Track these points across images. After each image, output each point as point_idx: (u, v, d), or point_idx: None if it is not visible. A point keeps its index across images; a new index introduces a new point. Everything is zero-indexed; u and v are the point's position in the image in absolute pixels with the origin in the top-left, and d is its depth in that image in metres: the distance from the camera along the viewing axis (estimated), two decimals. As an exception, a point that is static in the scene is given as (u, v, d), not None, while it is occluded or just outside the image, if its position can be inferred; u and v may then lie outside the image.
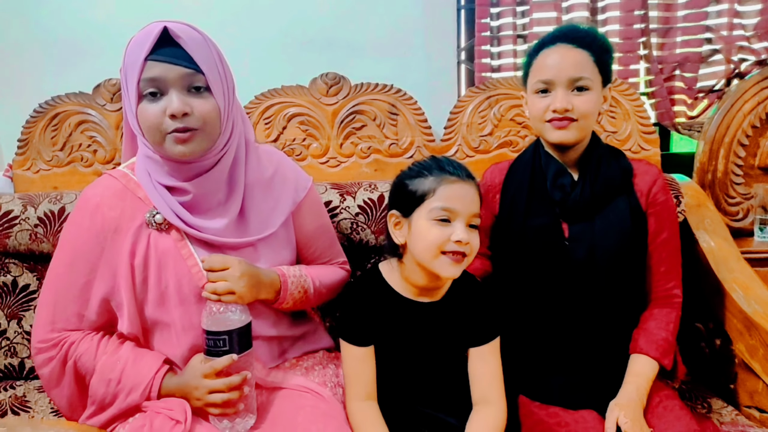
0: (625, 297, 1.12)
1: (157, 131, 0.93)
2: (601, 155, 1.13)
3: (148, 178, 1.00)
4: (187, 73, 0.91)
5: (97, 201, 1.01)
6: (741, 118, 1.60)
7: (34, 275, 1.42)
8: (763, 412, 1.17)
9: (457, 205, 0.96)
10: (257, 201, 1.06)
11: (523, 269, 1.14)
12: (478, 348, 1.05)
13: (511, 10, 1.74)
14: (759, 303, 1.19)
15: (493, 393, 1.04)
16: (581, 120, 1.07)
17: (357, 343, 1.03)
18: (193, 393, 0.93)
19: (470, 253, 0.98)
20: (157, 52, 0.90)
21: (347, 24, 1.73)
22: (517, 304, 1.15)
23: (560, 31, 1.11)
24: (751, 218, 1.63)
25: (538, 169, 1.16)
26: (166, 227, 1.00)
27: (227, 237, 1.02)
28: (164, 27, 0.90)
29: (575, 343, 1.11)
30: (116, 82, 1.54)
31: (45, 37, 1.72)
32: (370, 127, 1.58)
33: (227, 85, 0.98)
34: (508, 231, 1.16)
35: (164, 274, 0.99)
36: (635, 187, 1.14)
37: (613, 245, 1.09)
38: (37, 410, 1.27)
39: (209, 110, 0.94)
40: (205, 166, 0.98)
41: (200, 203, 1.00)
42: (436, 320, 1.04)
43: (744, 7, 1.71)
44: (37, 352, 1.02)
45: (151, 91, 0.92)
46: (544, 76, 1.08)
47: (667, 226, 1.14)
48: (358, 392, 1.02)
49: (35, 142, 1.54)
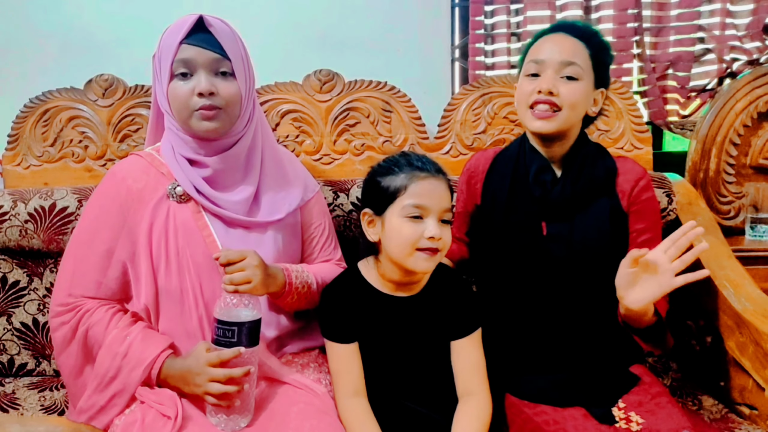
0: (604, 296, 1.10)
1: (185, 108, 1.02)
2: (587, 154, 1.12)
3: (171, 151, 1.08)
4: (216, 58, 1.02)
5: (123, 175, 1.09)
6: (733, 117, 1.60)
7: (24, 271, 1.41)
8: (753, 408, 1.18)
9: (428, 201, 0.98)
10: (271, 189, 1.14)
11: (502, 264, 1.13)
12: (460, 340, 1.07)
13: (505, 8, 1.74)
14: (749, 300, 1.20)
15: (477, 384, 1.05)
16: (565, 110, 1.05)
17: (340, 340, 1.04)
18: (194, 379, 0.95)
19: (443, 248, 1.00)
20: (191, 37, 1.01)
21: (341, 21, 1.73)
22: (498, 299, 1.15)
23: (562, 22, 1.12)
24: (743, 217, 1.64)
25: (522, 163, 1.14)
26: (185, 199, 1.07)
27: (242, 213, 1.08)
28: (200, 17, 1.01)
29: (557, 340, 1.11)
30: (108, 77, 1.53)
31: (36, 32, 1.70)
32: (364, 124, 1.58)
33: (249, 75, 1.09)
34: (488, 224, 1.15)
35: (181, 243, 1.05)
36: (618, 187, 1.12)
37: (591, 246, 1.09)
38: (27, 407, 1.26)
39: (233, 93, 1.04)
40: (225, 144, 1.07)
41: (218, 179, 1.08)
42: (415, 314, 1.05)
43: (736, 6, 1.72)
44: (54, 315, 1.07)
45: (182, 71, 1.02)
46: (537, 56, 1.08)
47: (651, 226, 1.13)
48: (347, 389, 1.02)
49: (26, 137, 1.53)
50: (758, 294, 1.22)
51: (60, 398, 1.28)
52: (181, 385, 0.97)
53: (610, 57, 1.12)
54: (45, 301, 1.40)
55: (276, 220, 1.12)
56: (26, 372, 1.41)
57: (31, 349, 1.40)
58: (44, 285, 1.40)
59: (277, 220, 1.12)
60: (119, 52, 1.70)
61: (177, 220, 1.06)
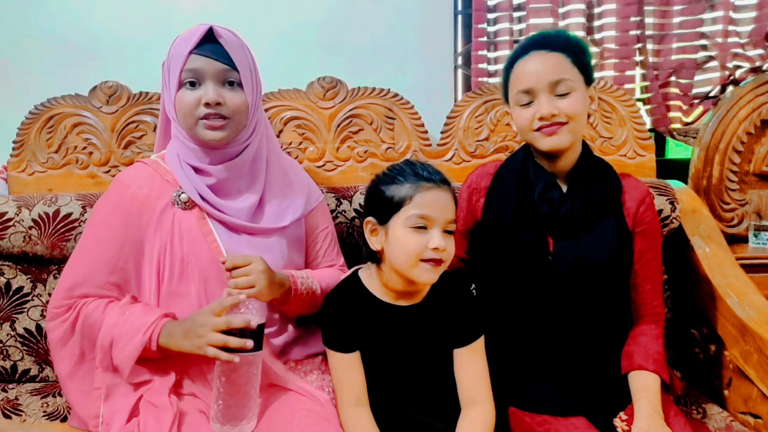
0: (608, 312, 1.10)
1: (192, 116, 1.03)
2: (593, 172, 1.10)
3: (177, 159, 1.09)
4: (224, 68, 1.03)
5: (128, 182, 1.10)
6: (736, 124, 1.60)
7: (27, 277, 1.41)
8: (757, 417, 1.17)
9: (433, 212, 0.97)
10: (275, 197, 1.14)
11: (507, 280, 1.12)
12: (462, 349, 1.06)
13: (507, 16, 1.75)
14: (753, 309, 1.19)
15: (480, 393, 1.04)
16: (571, 122, 1.04)
17: (342, 349, 1.03)
18: (197, 330, 0.95)
19: (447, 259, 0.99)
20: (200, 48, 1.02)
21: (345, 28, 1.73)
22: (501, 312, 1.14)
23: (531, 40, 1.08)
24: (746, 224, 1.64)
25: (526, 178, 1.12)
26: (190, 206, 1.08)
27: (245, 221, 1.09)
28: (210, 27, 1.03)
29: (559, 350, 1.10)
30: (112, 84, 1.53)
31: (41, 39, 1.72)
32: (367, 131, 1.58)
33: (256, 86, 1.10)
34: (492, 241, 1.13)
35: (185, 249, 1.06)
36: (624, 205, 1.12)
37: (598, 265, 1.08)
38: (29, 414, 1.25)
39: (239, 103, 1.05)
40: (230, 153, 1.08)
41: (223, 187, 1.09)
42: (417, 323, 1.05)
43: (738, 14, 1.72)
44: (51, 317, 1.09)
45: (191, 80, 1.03)
46: (524, 85, 1.05)
47: (652, 245, 1.13)
48: (349, 398, 1.02)
49: (30, 143, 1.54)
50: (762, 302, 1.21)
51: (62, 404, 1.28)
52: (183, 341, 0.97)
53: (588, 52, 1.09)
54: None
55: (280, 228, 1.13)
56: (29, 378, 1.41)
57: (34, 355, 1.41)
58: (48, 291, 1.40)
59: (281, 227, 1.13)
60: (124, 60, 1.71)
61: (182, 227, 1.07)
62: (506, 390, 1.11)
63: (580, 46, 1.07)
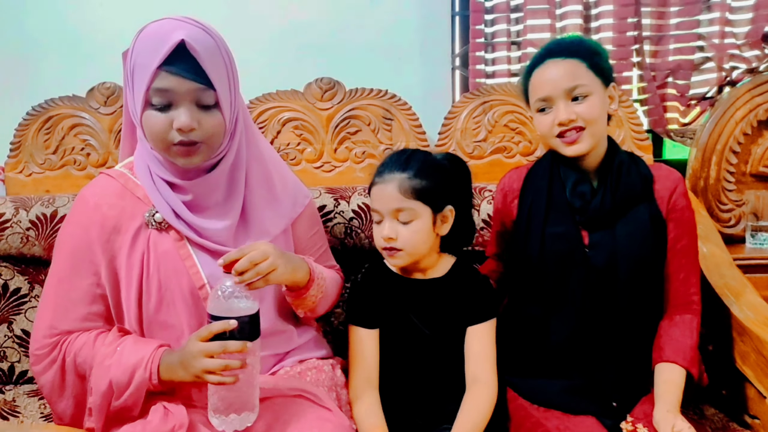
0: (643, 303, 1.11)
1: (162, 141, 0.92)
2: (621, 162, 1.12)
3: (147, 172, 0.99)
4: (199, 88, 0.90)
5: (96, 200, 0.99)
6: (733, 125, 1.61)
7: (25, 279, 1.41)
8: (756, 418, 1.17)
9: (378, 205, 1.08)
10: (257, 207, 1.05)
11: (542, 276, 1.13)
12: (475, 327, 1.11)
13: (505, 17, 1.75)
14: (751, 309, 1.19)
15: (485, 372, 1.09)
16: (589, 126, 1.06)
17: (364, 324, 1.11)
18: (191, 362, 0.87)
19: (404, 247, 1.06)
20: (172, 64, 0.88)
21: (342, 29, 1.74)
22: (530, 307, 1.15)
23: (546, 49, 1.11)
24: (743, 225, 1.64)
25: (556, 176, 1.15)
26: (165, 226, 0.98)
27: (227, 240, 1.00)
28: (182, 40, 0.88)
29: (584, 347, 1.10)
30: (110, 85, 1.53)
31: (38, 41, 1.72)
32: (365, 132, 1.59)
33: (235, 98, 0.97)
34: (526, 238, 1.15)
35: (163, 275, 0.97)
36: (656, 194, 1.13)
37: (635, 253, 1.09)
38: (27, 415, 1.25)
39: (215, 125, 0.94)
40: (205, 166, 0.99)
41: (200, 201, 1.00)
42: (436, 297, 1.12)
43: (735, 15, 1.73)
44: (36, 361, 0.98)
45: (160, 103, 0.90)
46: (541, 93, 1.09)
47: (686, 233, 1.13)
48: (362, 375, 1.09)
49: (28, 145, 1.53)
50: (760, 302, 1.21)
51: (60, 406, 1.28)
52: (183, 373, 0.89)
53: (604, 54, 1.12)
54: (46, 308, 1.40)
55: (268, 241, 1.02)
56: (27, 380, 1.40)
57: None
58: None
59: (269, 241, 1.02)
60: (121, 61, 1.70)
61: (158, 251, 0.97)
62: (516, 381, 1.14)
63: (595, 50, 1.10)
